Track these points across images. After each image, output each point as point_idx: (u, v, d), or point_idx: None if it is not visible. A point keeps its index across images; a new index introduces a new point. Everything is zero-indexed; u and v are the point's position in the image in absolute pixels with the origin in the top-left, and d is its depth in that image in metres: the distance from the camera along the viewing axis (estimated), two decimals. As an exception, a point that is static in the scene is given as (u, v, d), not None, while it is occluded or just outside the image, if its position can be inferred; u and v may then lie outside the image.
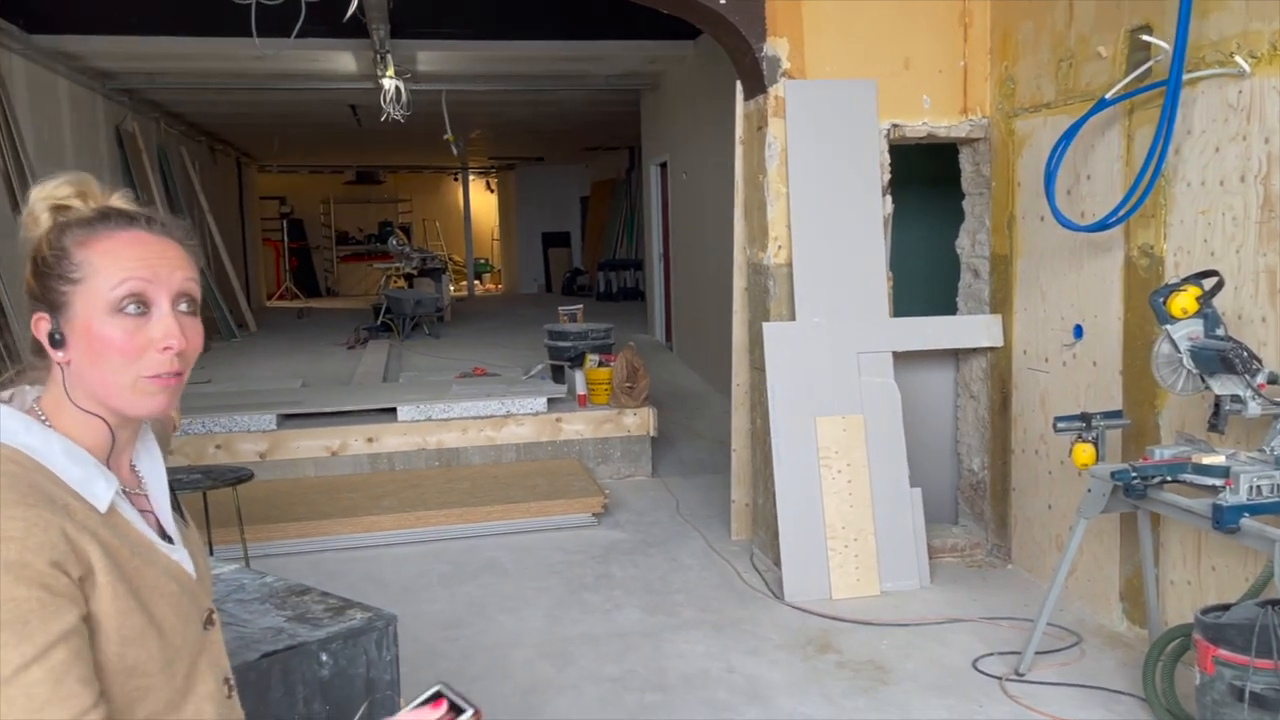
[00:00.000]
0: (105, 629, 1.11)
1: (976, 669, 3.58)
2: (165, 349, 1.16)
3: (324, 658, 1.64)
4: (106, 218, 1.19)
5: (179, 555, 1.25)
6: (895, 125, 4.52)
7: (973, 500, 4.82)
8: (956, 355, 4.84)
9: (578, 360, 6.63)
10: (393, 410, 6.17)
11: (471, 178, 21.06)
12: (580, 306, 7.71)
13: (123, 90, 9.72)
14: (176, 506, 1.36)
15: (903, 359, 4.57)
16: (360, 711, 1.28)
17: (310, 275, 20.77)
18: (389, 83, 8.50)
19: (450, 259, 19.86)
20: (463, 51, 8.48)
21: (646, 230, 12.10)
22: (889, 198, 4.51)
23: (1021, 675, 3.49)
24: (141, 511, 1.25)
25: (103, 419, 1.19)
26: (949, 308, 4.92)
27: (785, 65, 4.41)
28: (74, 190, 1.21)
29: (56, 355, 1.17)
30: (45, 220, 1.19)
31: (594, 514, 5.39)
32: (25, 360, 1.23)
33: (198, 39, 7.76)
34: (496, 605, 4.30)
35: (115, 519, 1.18)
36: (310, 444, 5.95)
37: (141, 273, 1.16)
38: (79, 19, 7.54)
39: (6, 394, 1.21)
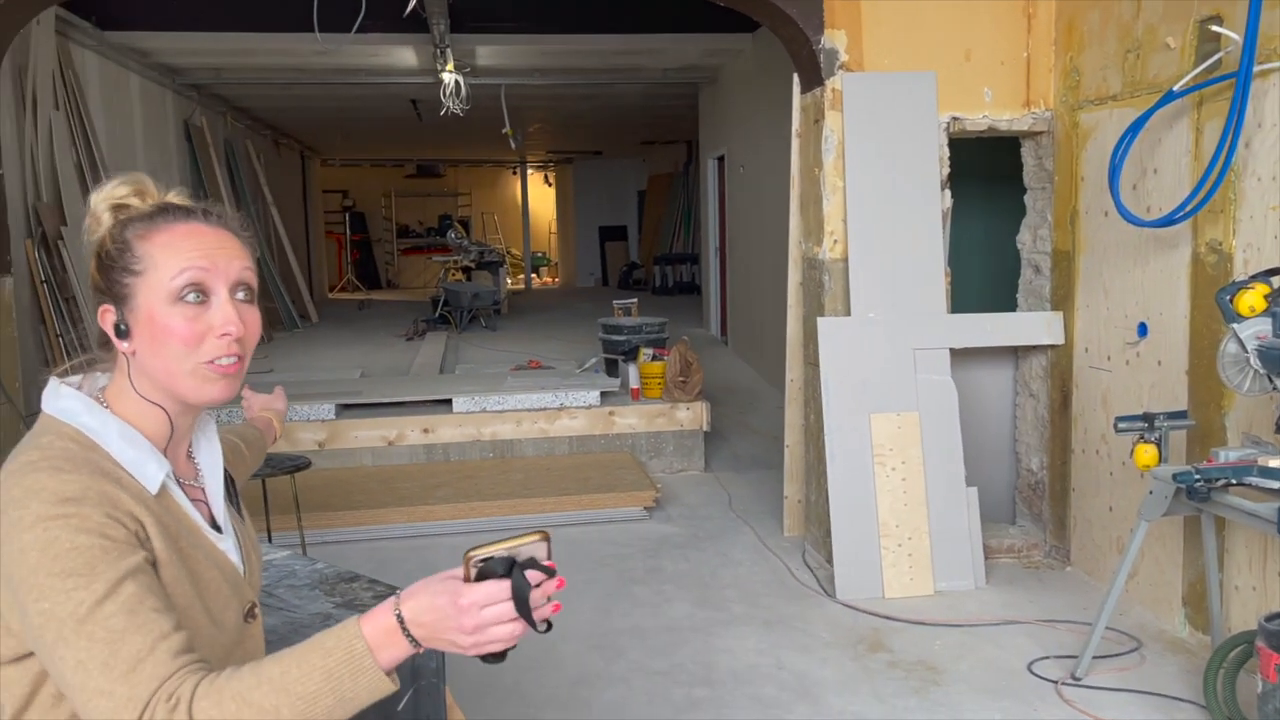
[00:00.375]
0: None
1: (1032, 672, 3.52)
2: (224, 335, 1.21)
3: (371, 644, 1.66)
4: (165, 211, 1.24)
5: (225, 545, 1.29)
6: (955, 118, 4.45)
7: (1031, 500, 4.73)
8: (1016, 353, 4.75)
9: (631, 354, 6.65)
10: (448, 401, 6.23)
11: (530, 171, 21.20)
12: (635, 300, 7.72)
13: (191, 85, 9.95)
14: (234, 501, 1.39)
15: (960, 356, 4.50)
16: (405, 698, 1.30)
17: (371, 267, 21.08)
18: (448, 77, 8.59)
19: (508, 252, 20.03)
20: (521, 45, 8.53)
21: (703, 224, 12.07)
22: (948, 192, 4.44)
23: (1078, 679, 3.42)
24: (194, 501, 1.29)
25: (163, 408, 1.23)
26: (1007, 304, 4.83)
27: (843, 58, 4.36)
28: (131, 189, 1.26)
29: (122, 345, 1.22)
30: (107, 219, 1.24)
31: (645, 508, 5.39)
32: (92, 351, 1.28)
33: (262, 34, 7.91)
34: (547, 596, 4.33)
35: (166, 501, 1.22)
36: (368, 434, 6.04)
37: (200, 262, 1.21)
38: (150, 16, 7.73)
39: (76, 379, 1.26)
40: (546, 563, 1.12)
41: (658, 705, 3.36)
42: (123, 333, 1.21)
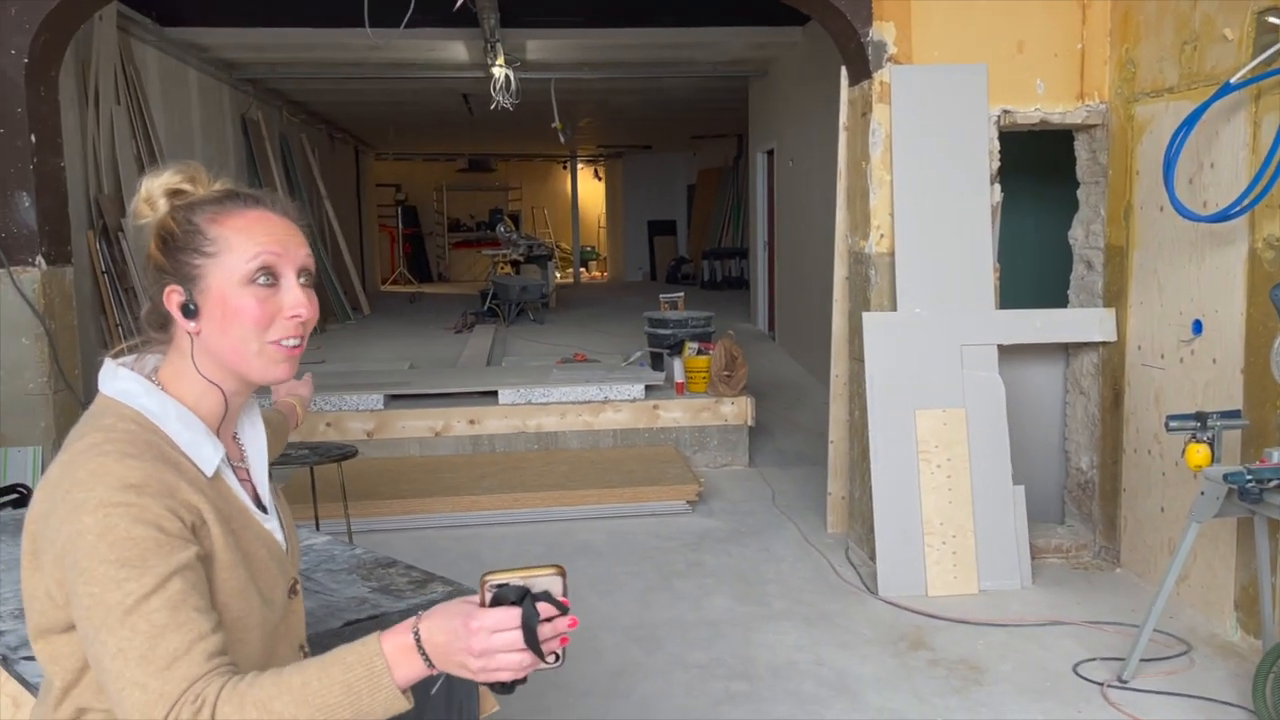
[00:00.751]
0: (218, 575, 1.18)
1: (1077, 673, 3.47)
2: (293, 317, 1.25)
3: (404, 629, 1.69)
4: (235, 197, 1.27)
5: (271, 525, 1.32)
6: (1006, 111, 4.39)
7: (1080, 500, 4.65)
8: (1066, 350, 4.67)
9: (677, 348, 6.64)
10: (494, 393, 6.28)
11: (580, 166, 21.25)
12: (681, 294, 7.71)
13: (247, 80, 10.12)
14: (271, 481, 1.42)
15: (1008, 353, 4.44)
16: (438, 683, 1.31)
17: (423, 261, 21.28)
18: (499, 71, 8.64)
19: (557, 246, 20.11)
20: (571, 40, 8.55)
21: (751, 218, 12.02)
22: (998, 186, 4.38)
23: (1125, 682, 3.36)
24: (241, 481, 1.32)
25: (220, 388, 1.26)
26: (1057, 300, 4.75)
27: (891, 50, 4.32)
28: (185, 177, 1.29)
29: (188, 325, 1.24)
30: (163, 205, 1.27)
31: (688, 502, 5.39)
32: (144, 333, 1.30)
33: (317, 30, 8.02)
34: (589, 587, 4.35)
35: (219, 483, 1.25)
36: (415, 424, 6.10)
37: (273, 247, 1.25)
38: (208, 12, 7.87)
39: (130, 359, 1.28)
40: (561, 599, 1.13)
41: (695, 698, 3.36)
42: (191, 312, 1.24)
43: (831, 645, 3.74)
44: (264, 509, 1.33)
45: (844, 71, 4.68)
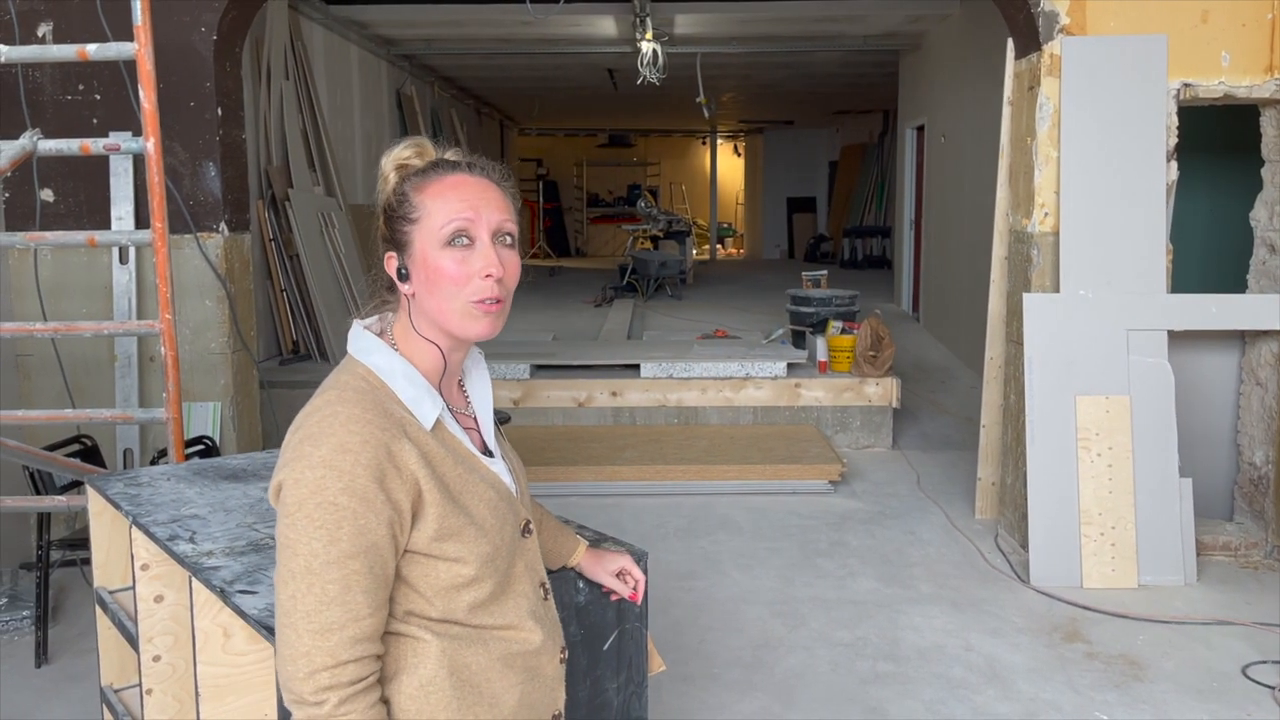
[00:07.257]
0: (427, 524, 1.28)
1: (1246, 676, 3.31)
2: (486, 276, 1.32)
3: (581, 584, 1.74)
4: (436, 166, 1.37)
5: (497, 468, 1.42)
6: (1186, 85, 4.16)
7: (1252, 497, 4.41)
8: (1242, 337, 4.42)
9: (820, 326, 6.57)
10: (636, 367, 6.35)
11: (719, 142, 21.14)
12: (824, 272, 7.62)
13: (403, 56, 10.44)
14: (497, 429, 1.50)
15: (1177, 339, 4.24)
16: (610, 639, 1.36)
17: (562, 235, 21.60)
18: (647, 46, 8.66)
19: (694, 223, 20.10)
20: (721, 14, 8.50)
21: (898, 196, 11.75)
22: (1174, 164, 4.17)
23: (1299, 689, 3.19)
24: (467, 430, 1.41)
25: (437, 345, 1.36)
26: (1225, 285, 4.50)
27: (1064, 21, 4.15)
28: (414, 151, 1.39)
29: (404, 287, 1.35)
30: (393, 179, 1.38)
31: (830, 482, 5.35)
32: (379, 295, 1.42)
33: (471, 6, 8.20)
34: (730, 561, 4.38)
35: (441, 433, 1.35)
36: (559, 394, 6.23)
37: (466, 212, 1.33)
38: (370, -11, 8.15)
39: (373, 319, 1.41)
40: None
41: (841, 675, 3.35)
42: (404, 276, 1.34)
43: (981, 631, 3.67)
44: (489, 453, 1.42)
45: (1009, 44, 4.52)
